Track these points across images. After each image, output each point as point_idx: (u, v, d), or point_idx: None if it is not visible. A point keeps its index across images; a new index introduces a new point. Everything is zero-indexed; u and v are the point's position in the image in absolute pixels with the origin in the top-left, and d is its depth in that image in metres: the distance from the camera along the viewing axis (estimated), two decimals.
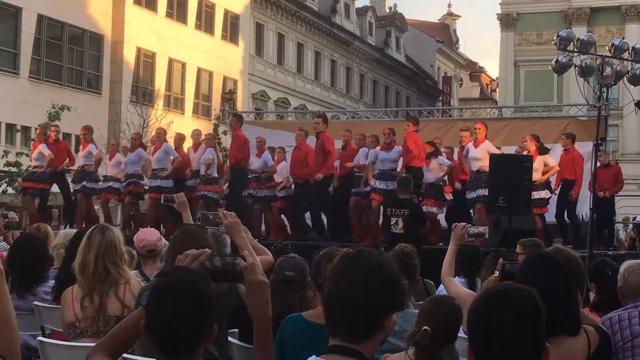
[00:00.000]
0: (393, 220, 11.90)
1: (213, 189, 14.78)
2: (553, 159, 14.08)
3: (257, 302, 3.00)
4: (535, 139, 13.71)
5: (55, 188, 16.16)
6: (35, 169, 15.91)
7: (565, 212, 14.20)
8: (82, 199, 15.76)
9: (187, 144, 16.41)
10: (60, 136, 17.24)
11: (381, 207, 13.43)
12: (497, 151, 13.61)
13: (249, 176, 15.21)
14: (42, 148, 15.66)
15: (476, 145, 13.58)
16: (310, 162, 14.52)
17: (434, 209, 13.96)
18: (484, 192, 13.00)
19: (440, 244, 13.07)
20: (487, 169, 13.00)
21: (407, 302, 4.87)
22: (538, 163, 13.18)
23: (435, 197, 13.98)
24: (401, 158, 14.16)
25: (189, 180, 15.20)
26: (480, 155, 13.38)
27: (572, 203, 14.14)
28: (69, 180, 16.39)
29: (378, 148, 14.37)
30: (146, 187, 15.21)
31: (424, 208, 13.57)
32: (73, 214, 16.23)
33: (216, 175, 15.01)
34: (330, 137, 14.66)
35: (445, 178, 14.34)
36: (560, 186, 14.41)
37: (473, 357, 2.45)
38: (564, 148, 14.51)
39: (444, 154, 14.48)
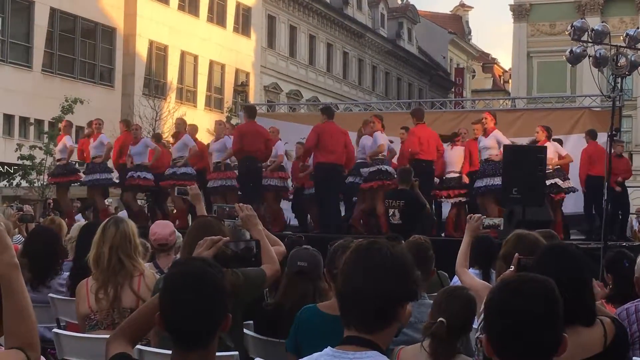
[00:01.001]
0: (390, 211, 12.03)
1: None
2: (563, 149, 14.15)
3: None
4: (546, 130, 13.74)
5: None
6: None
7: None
8: (95, 193, 15.79)
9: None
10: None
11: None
12: (506, 140, 13.60)
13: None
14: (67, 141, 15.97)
15: (486, 135, 13.57)
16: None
17: (463, 199, 14.21)
18: (492, 181, 13.04)
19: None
20: (495, 158, 13.08)
21: (422, 294, 4.87)
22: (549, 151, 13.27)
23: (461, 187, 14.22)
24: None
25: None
26: (489, 144, 13.39)
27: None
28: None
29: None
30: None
31: (451, 200, 13.73)
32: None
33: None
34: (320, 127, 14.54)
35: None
36: (586, 180, 14.41)
37: (490, 347, 2.44)
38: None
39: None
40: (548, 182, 13.06)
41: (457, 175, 14.32)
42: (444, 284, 6.76)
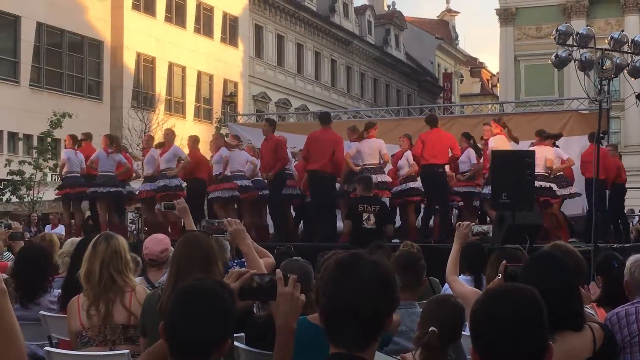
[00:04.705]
0: (365, 216, 12.06)
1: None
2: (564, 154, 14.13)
3: (285, 312, 2.91)
4: (539, 134, 13.82)
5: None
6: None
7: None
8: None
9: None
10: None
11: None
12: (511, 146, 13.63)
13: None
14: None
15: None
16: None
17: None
18: None
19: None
20: None
21: (413, 302, 4.87)
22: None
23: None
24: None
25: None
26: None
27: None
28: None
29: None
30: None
31: None
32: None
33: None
34: (282, 139, 14.73)
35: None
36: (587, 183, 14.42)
37: (477, 357, 2.45)
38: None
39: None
40: (544, 185, 13.13)
41: None
42: (436, 290, 6.78)
